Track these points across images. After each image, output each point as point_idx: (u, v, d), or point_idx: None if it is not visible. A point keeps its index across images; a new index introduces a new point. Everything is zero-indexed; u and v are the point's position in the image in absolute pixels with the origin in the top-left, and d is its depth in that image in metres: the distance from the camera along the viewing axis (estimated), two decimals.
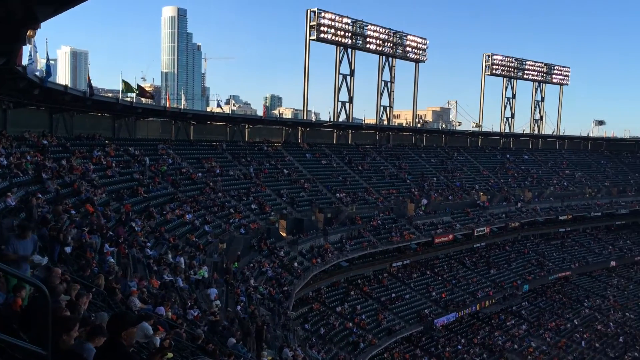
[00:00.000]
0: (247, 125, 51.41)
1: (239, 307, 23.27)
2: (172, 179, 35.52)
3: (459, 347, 46.35)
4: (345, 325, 39.51)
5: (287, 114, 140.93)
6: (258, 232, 36.58)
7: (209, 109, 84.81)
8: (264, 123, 54.27)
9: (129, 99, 37.34)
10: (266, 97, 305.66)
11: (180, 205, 32.37)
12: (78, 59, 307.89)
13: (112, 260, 16.12)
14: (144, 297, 14.04)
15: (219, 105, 54.81)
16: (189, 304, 17.89)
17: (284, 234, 39.85)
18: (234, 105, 65.55)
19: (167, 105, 43.81)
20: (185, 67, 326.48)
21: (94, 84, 31.73)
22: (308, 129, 56.01)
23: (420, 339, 45.46)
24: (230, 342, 16.15)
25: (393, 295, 45.81)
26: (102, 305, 10.33)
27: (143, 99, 41.90)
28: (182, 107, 46.75)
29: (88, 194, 23.47)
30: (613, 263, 67.14)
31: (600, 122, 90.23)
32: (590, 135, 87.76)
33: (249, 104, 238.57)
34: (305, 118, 60.22)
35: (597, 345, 52.10)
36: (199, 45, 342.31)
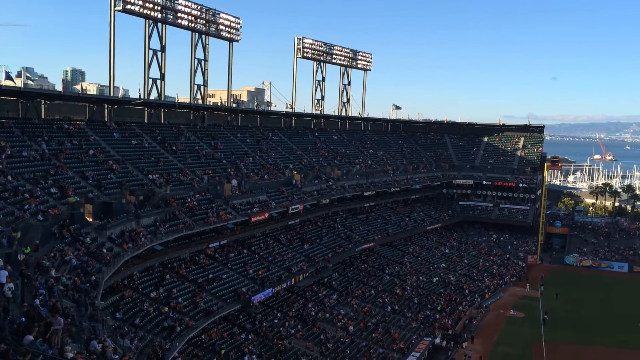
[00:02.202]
0: (43, 101, 46.27)
1: (37, 301, 20.99)
2: None
3: (275, 321, 47.99)
4: (160, 310, 38.23)
5: (92, 90, 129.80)
6: (59, 218, 33.30)
7: None
8: (64, 99, 49.49)
9: None
10: (66, 71, 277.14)
11: None
12: None
13: None
14: None
15: (7, 78, 48.32)
16: None
17: (90, 219, 36.84)
18: (27, 79, 58.46)
19: None
20: None
21: None
22: (116, 106, 52.35)
23: (238, 317, 46.04)
24: (26, 340, 14.57)
25: (210, 276, 45.50)
26: None
27: None
28: None
29: None
30: (409, 233, 75.32)
31: (398, 107, 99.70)
32: (390, 117, 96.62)
33: (46, 78, 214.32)
34: (112, 95, 56.13)
35: (396, 307, 57.96)
36: None
